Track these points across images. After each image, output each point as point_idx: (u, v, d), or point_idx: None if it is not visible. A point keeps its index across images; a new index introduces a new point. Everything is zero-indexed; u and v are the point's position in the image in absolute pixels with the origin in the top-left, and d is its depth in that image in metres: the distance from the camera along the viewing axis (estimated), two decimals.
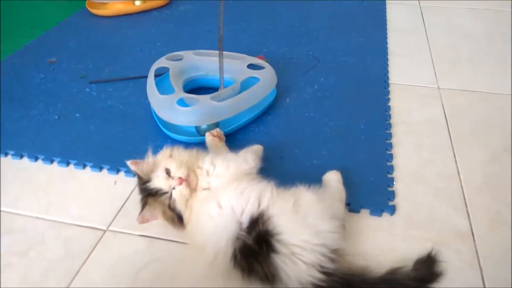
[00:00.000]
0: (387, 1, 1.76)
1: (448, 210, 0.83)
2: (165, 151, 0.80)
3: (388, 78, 1.26)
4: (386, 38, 1.48)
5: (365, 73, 1.27)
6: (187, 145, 0.91)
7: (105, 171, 0.94)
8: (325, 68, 1.30)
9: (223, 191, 0.72)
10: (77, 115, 1.10)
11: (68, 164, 0.96)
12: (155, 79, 1.06)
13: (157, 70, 1.10)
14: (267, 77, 1.08)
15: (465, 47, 1.43)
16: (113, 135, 1.03)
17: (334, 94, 1.18)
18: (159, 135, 1.02)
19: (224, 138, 0.94)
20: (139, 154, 0.97)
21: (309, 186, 0.75)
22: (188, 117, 0.96)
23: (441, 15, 1.66)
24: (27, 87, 1.22)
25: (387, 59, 1.35)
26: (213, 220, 0.69)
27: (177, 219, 0.73)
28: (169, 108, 0.97)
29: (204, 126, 0.98)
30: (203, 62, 1.14)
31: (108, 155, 0.97)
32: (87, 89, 1.20)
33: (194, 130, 1.00)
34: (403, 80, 1.25)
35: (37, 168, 0.96)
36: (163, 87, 1.05)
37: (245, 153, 0.82)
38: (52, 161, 0.96)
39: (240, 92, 1.02)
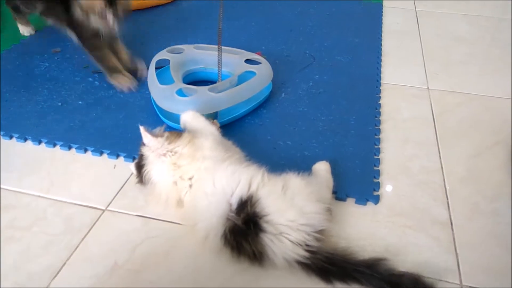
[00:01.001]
0: (384, 4, 1.81)
1: (429, 201, 0.88)
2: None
3: (380, 77, 1.31)
4: (381, 39, 1.53)
5: (358, 72, 1.32)
6: None
7: (105, 155, 0.98)
8: (320, 66, 1.35)
9: (218, 168, 0.76)
10: (80, 102, 1.14)
11: (70, 148, 1.00)
12: (156, 71, 1.10)
13: (158, 62, 1.14)
14: (263, 71, 1.12)
15: (457, 51, 1.48)
16: (114, 122, 1.07)
17: (328, 91, 1.23)
18: (158, 124, 1.05)
19: (220, 129, 0.99)
20: (138, 141, 1.02)
21: (299, 173, 0.79)
22: (186, 106, 1.00)
23: (436, 20, 1.71)
24: (32, 74, 1.27)
25: (380, 60, 1.40)
26: (207, 197, 0.74)
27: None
28: (168, 97, 1.02)
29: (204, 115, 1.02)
30: (203, 56, 1.18)
31: (108, 140, 1.01)
32: (90, 79, 1.25)
33: None
34: (395, 80, 1.30)
35: (40, 151, 1.00)
36: (164, 78, 1.09)
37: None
38: (54, 145, 1.01)
39: (237, 85, 1.06)
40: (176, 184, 0.79)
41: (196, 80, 1.20)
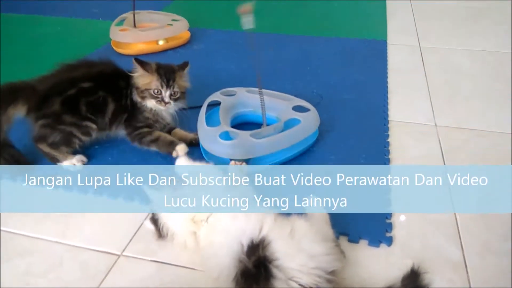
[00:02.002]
0: (388, 42, 1.86)
1: (442, 241, 0.88)
2: None
3: (387, 115, 1.33)
4: (387, 76, 1.57)
5: (365, 110, 1.35)
6: None
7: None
8: (328, 105, 1.37)
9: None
10: (96, 146, 1.17)
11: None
12: (211, 109, 1.19)
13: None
14: (308, 120, 1.14)
15: (463, 87, 1.51)
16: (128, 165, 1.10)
17: (336, 129, 1.25)
18: (170, 167, 1.09)
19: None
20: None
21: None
22: (226, 150, 1.04)
23: (440, 56, 1.75)
24: None
25: (387, 97, 1.43)
26: (222, 234, 0.76)
27: None
28: (211, 139, 1.06)
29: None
30: (253, 100, 1.21)
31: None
32: None
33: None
34: (402, 117, 1.32)
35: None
36: (215, 118, 1.15)
37: None
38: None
39: (282, 131, 1.09)
40: (193, 220, 0.80)
41: (245, 121, 1.24)
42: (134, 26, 1.79)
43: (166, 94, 1.10)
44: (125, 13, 1.84)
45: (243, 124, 1.23)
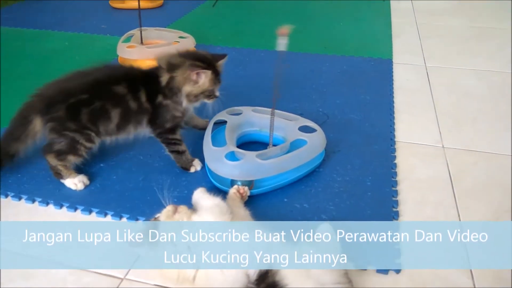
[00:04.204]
0: (394, 61, 1.86)
1: (451, 268, 0.86)
2: None
3: (394, 136, 1.32)
4: (393, 96, 1.57)
5: (371, 130, 1.34)
6: None
7: (124, 219, 1.00)
8: (334, 124, 1.37)
9: None
10: (101, 165, 1.17)
11: (90, 212, 1.02)
12: (217, 127, 1.18)
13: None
14: (315, 141, 1.14)
15: (469, 108, 1.50)
16: (133, 185, 1.09)
17: (342, 150, 1.24)
18: (176, 186, 1.08)
19: (246, 198, 1.00)
20: (156, 204, 1.03)
21: None
22: (232, 170, 1.03)
23: (446, 76, 1.75)
24: None
25: (393, 117, 1.43)
26: (223, 272, 0.74)
27: None
28: (217, 159, 1.06)
29: (239, 182, 1.04)
30: (259, 119, 1.22)
31: (128, 204, 1.03)
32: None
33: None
34: (409, 138, 1.31)
35: (61, 215, 1.02)
36: (222, 137, 1.14)
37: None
38: (76, 209, 1.03)
39: (288, 152, 1.09)
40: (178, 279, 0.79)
41: (251, 140, 1.24)
42: (141, 43, 1.80)
43: (217, 89, 1.11)
44: (133, 30, 1.85)
45: (248, 143, 1.23)
